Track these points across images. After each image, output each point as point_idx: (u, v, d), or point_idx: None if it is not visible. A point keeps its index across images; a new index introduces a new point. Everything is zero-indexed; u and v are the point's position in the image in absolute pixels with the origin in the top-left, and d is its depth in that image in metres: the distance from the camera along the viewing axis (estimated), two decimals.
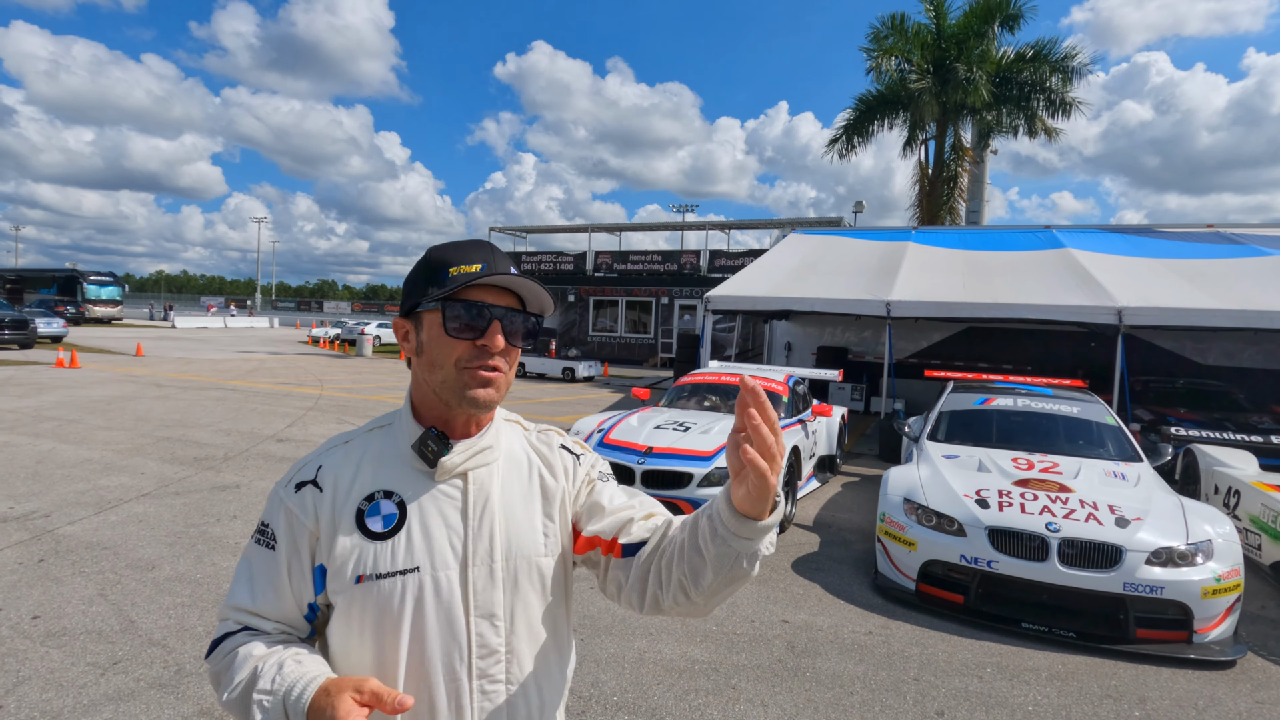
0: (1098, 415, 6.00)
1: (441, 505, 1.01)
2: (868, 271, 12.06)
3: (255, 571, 1.02)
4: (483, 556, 1.01)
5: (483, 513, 1.02)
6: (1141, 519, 4.07)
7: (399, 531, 0.99)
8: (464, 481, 1.03)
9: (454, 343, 0.99)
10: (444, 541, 1.00)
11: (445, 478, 1.02)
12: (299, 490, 1.02)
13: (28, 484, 6.04)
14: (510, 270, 1.02)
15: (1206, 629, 3.76)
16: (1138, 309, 9.01)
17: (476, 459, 1.03)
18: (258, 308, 61.52)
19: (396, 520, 0.99)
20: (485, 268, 0.99)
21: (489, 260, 1.01)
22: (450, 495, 1.02)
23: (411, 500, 1.01)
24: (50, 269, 38.62)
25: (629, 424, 6.16)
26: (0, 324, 19.18)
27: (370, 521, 0.99)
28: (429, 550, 0.99)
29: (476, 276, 0.98)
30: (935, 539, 4.30)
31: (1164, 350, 12.38)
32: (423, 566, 0.98)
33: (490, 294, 1.01)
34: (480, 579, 1.00)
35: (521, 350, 1.06)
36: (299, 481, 1.02)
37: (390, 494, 1.01)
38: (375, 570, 0.97)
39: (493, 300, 1.01)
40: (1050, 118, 18.74)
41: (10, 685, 2.96)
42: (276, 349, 24.67)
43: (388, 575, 0.97)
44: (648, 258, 25.42)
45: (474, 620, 1.00)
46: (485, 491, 1.03)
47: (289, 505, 1.01)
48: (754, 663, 3.49)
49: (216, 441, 8.18)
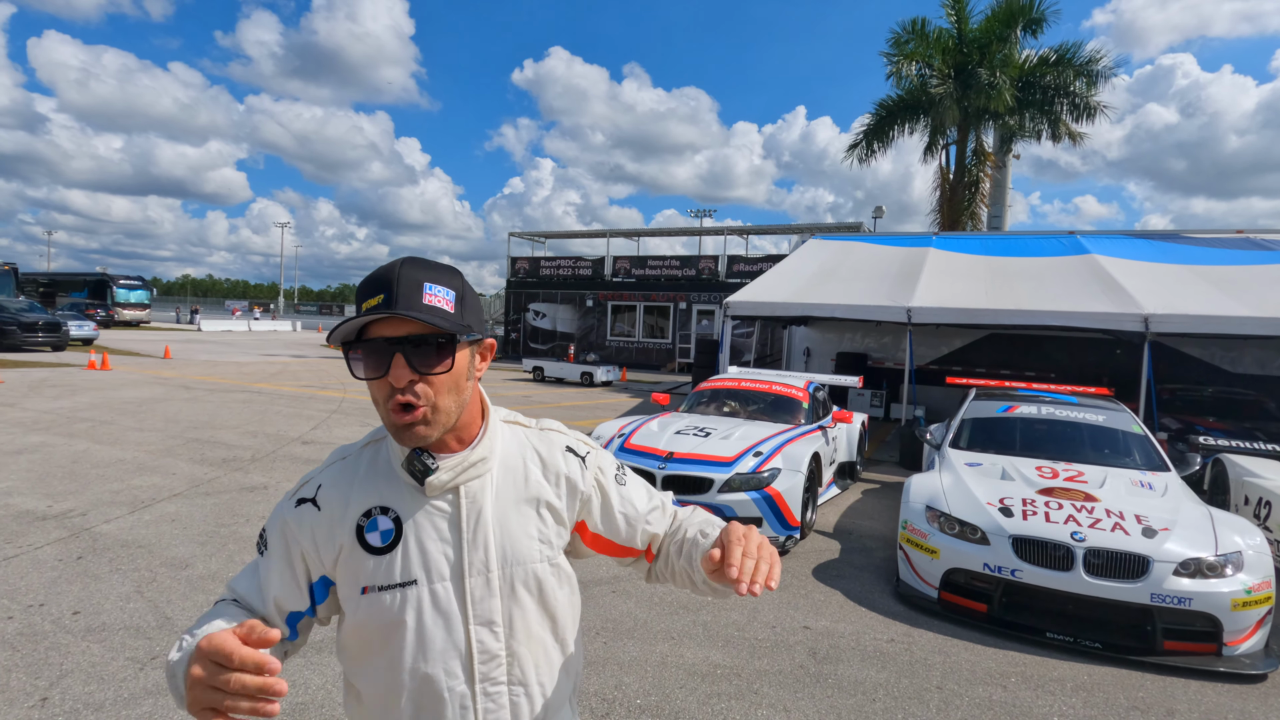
0: (1124, 424, 5.94)
1: (435, 520, 1.04)
2: (888, 277, 11.99)
3: (249, 570, 1.10)
4: (479, 567, 1.04)
5: (476, 525, 1.05)
6: (1169, 529, 4.02)
7: (396, 546, 1.03)
8: (456, 496, 1.05)
9: (371, 383, 0.98)
10: (439, 555, 1.03)
11: (436, 494, 1.04)
12: (298, 506, 1.06)
13: (64, 483, 6.21)
14: (426, 287, 0.96)
15: (1236, 642, 3.71)
16: (1165, 316, 8.88)
17: (467, 473, 1.05)
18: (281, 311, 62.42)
19: (393, 535, 1.03)
20: (386, 298, 0.94)
21: (390, 287, 0.94)
22: (443, 510, 1.04)
23: (407, 516, 1.04)
24: (81, 273, 39.51)
25: (649, 429, 6.20)
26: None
27: (369, 536, 1.03)
28: (425, 564, 1.03)
29: (371, 314, 0.94)
30: (958, 547, 4.29)
31: (1192, 358, 12.16)
32: (420, 579, 1.02)
33: (390, 325, 0.96)
34: (478, 588, 1.04)
35: (456, 370, 0.99)
36: (300, 498, 1.07)
37: (387, 510, 1.04)
38: (376, 583, 1.02)
39: (392, 331, 0.96)
40: (1074, 122, 18.52)
41: (55, 678, 3.06)
42: (299, 352, 25.04)
43: (389, 588, 1.02)
44: (666, 263, 25.45)
45: (474, 628, 1.04)
46: (478, 505, 1.06)
47: (286, 519, 1.07)
48: (776, 668, 3.51)
49: (244, 443, 8.34)
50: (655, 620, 4.00)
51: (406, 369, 0.96)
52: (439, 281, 0.99)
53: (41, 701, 2.88)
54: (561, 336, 26.19)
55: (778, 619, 4.12)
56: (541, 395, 15.47)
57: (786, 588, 4.64)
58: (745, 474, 5.37)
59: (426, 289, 0.97)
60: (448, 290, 0.99)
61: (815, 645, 3.80)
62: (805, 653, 3.70)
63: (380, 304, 0.94)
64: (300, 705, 2.96)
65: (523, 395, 15.24)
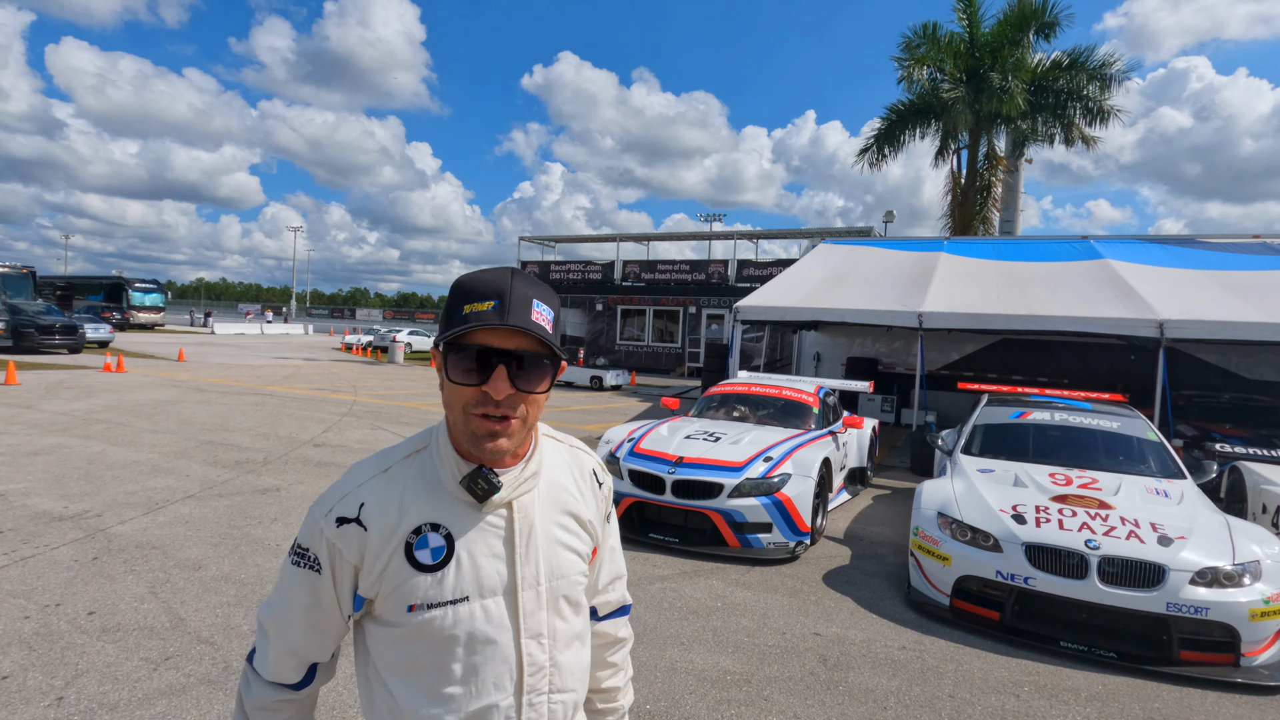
0: (1139, 430, 5.87)
1: (488, 536, 1.03)
2: (899, 282, 11.94)
3: (292, 619, 1.07)
4: (530, 581, 1.04)
5: (529, 540, 1.05)
6: (1185, 538, 3.97)
7: (448, 564, 1.00)
8: (509, 510, 1.04)
9: (459, 387, 0.97)
10: (491, 571, 1.02)
11: (492, 510, 1.04)
12: (340, 526, 1.02)
13: (80, 484, 6.28)
14: (534, 304, 0.96)
15: (1254, 652, 3.65)
16: (1180, 322, 8.79)
17: (521, 488, 1.05)
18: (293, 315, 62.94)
19: (445, 553, 1.01)
20: (497, 306, 0.93)
21: (503, 297, 0.94)
22: (496, 526, 1.03)
23: (459, 532, 1.02)
24: (97, 276, 40.02)
25: (659, 433, 6.19)
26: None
27: (419, 554, 1.00)
28: (478, 580, 1.01)
29: (481, 321, 0.93)
30: (970, 554, 4.25)
31: (1209, 364, 12.03)
32: (471, 596, 1.01)
33: (499, 335, 0.95)
34: (529, 602, 1.04)
35: (547, 392, 1.01)
36: (341, 517, 1.02)
37: (437, 526, 1.02)
38: (426, 600, 0.99)
39: (500, 342, 0.95)
40: (1087, 125, 18.40)
41: (70, 677, 3.09)
42: (311, 355, 25.23)
43: (438, 605, 1.00)
44: (675, 267, 25.49)
45: (524, 641, 1.04)
46: (530, 519, 1.05)
47: (330, 538, 1.02)
48: (786, 675, 3.49)
49: (256, 445, 8.41)
50: (665, 626, 4.00)
51: (507, 382, 0.95)
52: (544, 300, 0.99)
53: (57, 700, 2.91)
54: (571, 340, 26.24)
55: (788, 625, 4.10)
56: (551, 398, 15.48)
57: (796, 594, 4.62)
58: (755, 479, 5.36)
59: (534, 305, 0.96)
60: (549, 310, 0.99)
61: (825, 652, 3.78)
62: (815, 659, 3.68)
63: (492, 312, 0.93)
64: None
65: None
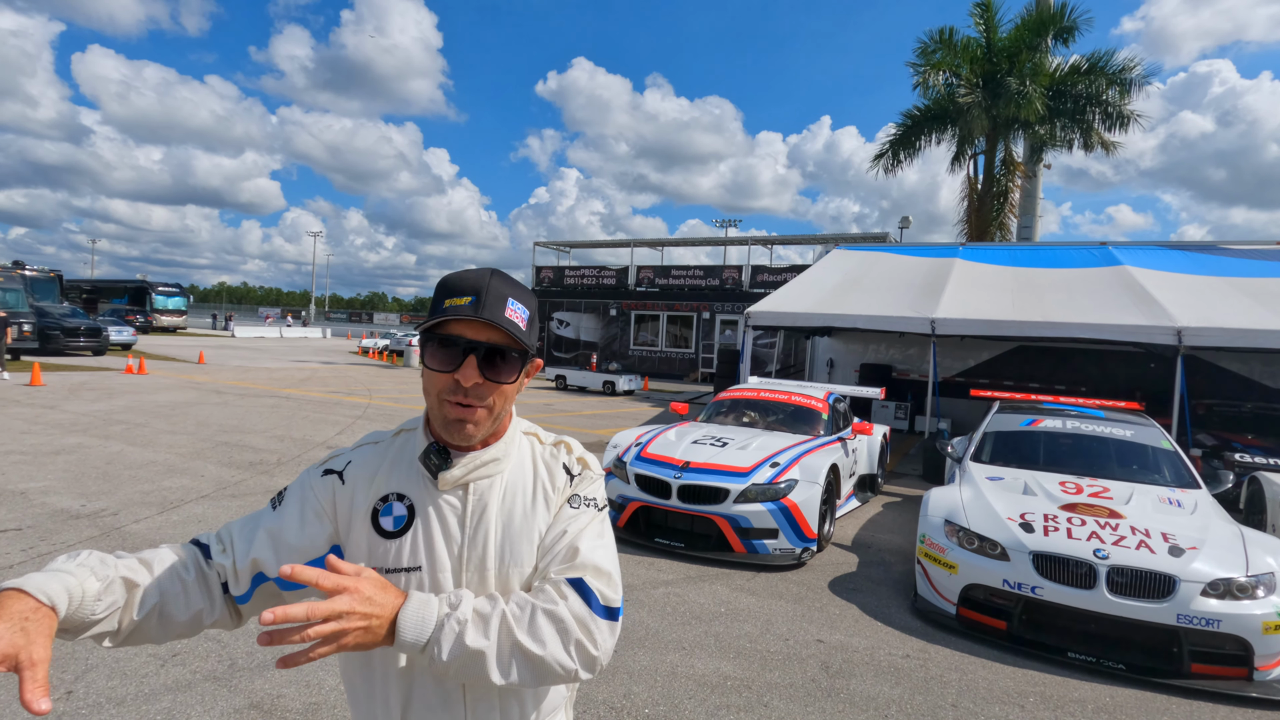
0: (1153, 439, 5.78)
1: (444, 513, 1.08)
2: (913, 288, 11.84)
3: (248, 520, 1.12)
4: (475, 563, 1.08)
5: (479, 522, 1.09)
6: (1197, 548, 3.90)
7: (407, 532, 1.08)
8: (465, 492, 1.09)
9: (434, 374, 1.04)
10: (443, 546, 1.07)
11: (448, 488, 1.09)
12: (324, 475, 1.12)
13: (98, 483, 6.40)
14: (510, 302, 1.03)
15: (1268, 666, 3.58)
16: (1199, 329, 8.64)
17: (478, 471, 1.09)
18: (311, 318, 63.70)
19: (405, 522, 1.08)
20: (474, 301, 1.01)
21: (479, 294, 1.01)
22: (452, 504, 1.09)
23: (420, 505, 1.09)
24: (122, 280, 40.78)
25: (666, 438, 6.19)
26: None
27: (383, 520, 1.09)
28: (430, 553, 1.07)
29: (456, 314, 1.00)
30: (977, 562, 4.21)
31: (1230, 373, 11.80)
32: (424, 567, 1.07)
33: (473, 328, 1.02)
34: (473, 583, 1.07)
35: (516, 383, 1.07)
36: (328, 469, 1.13)
37: (403, 497, 1.09)
38: (384, 565, 1.06)
39: (474, 334, 1.02)
40: (1107, 131, 18.17)
41: (80, 672, 3.15)
42: (328, 359, 25.52)
43: (394, 570, 1.06)
44: (689, 273, 25.48)
45: None
46: (484, 502, 1.09)
47: (310, 483, 1.12)
48: (787, 681, 3.47)
49: (271, 447, 8.52)
50: (667, 630, 3.99)
51: (476, 371, 1.02)
52: (520, 299, 1.06)
53: (67, 694, 2.97)
54: (585, 345, 26.32)
55: (791, 632, 4.08)
56: (563, 404, 15.55)
57: (800, 600, 4.60)
58: (761, 485, 5.34)
59: (510, 303, 1.04)
60: (524, 309, 1.06)
61: (828, 659, 3.75)
62: (818, 666, 3.66)
63: (468, 305, 1.01)
64: (313, 705, 3.01)
65: (544, 403, 15.33)
